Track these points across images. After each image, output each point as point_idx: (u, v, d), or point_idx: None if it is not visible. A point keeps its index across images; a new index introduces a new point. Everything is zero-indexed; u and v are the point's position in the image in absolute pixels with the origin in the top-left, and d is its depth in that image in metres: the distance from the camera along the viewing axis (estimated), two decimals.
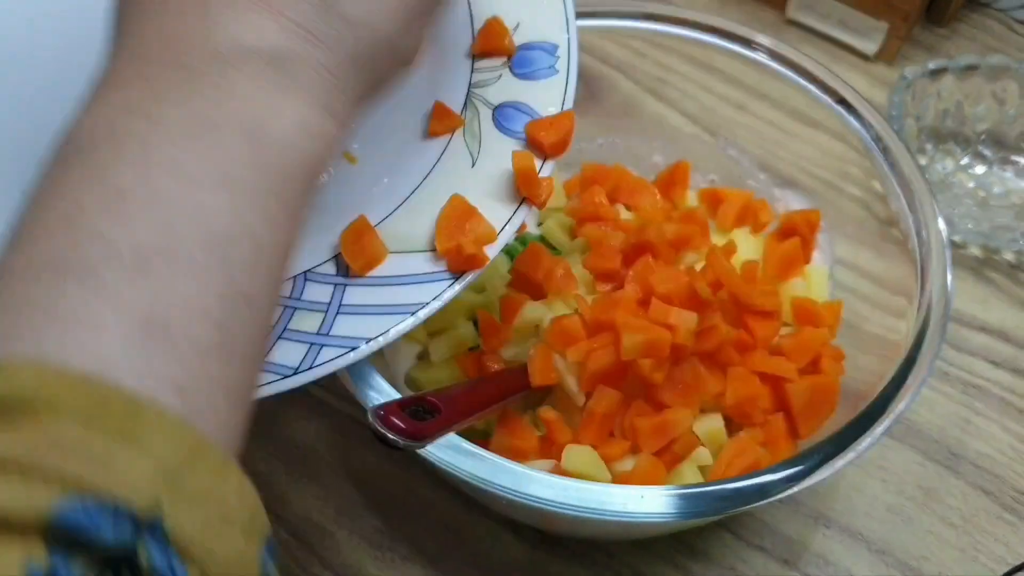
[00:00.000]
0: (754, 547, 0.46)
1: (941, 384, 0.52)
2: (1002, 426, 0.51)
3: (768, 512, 0.47)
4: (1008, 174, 0.61)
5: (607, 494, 0.35)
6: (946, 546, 0.47)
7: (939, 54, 0.69)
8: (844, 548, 0.46)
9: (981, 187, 0.61)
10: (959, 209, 0.56)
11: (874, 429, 0.37)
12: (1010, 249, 0.56)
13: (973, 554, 0.46)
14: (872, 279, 0.49)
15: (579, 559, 0.45)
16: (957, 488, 0.48)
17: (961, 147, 0.62)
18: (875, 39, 0.67)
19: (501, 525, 0.46)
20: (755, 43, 0.50)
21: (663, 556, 0.46)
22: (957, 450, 0.50)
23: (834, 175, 0.51)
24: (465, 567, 0.46)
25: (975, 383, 0.52)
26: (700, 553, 0.46)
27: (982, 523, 0.47)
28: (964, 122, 0.62)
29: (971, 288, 0.56)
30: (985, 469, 0.49)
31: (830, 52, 0.68)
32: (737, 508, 0.36)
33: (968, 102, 0.61)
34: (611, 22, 0.52)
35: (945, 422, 0.51)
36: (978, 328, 0.55)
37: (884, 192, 0.47)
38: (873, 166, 0.48)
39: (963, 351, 0.53)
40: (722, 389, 0.43)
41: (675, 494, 0.35)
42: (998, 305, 0.56)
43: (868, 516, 0.47)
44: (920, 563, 0.46)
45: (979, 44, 0.70)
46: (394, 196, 0.38)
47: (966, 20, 0.71)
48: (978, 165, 0.62)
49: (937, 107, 0.61)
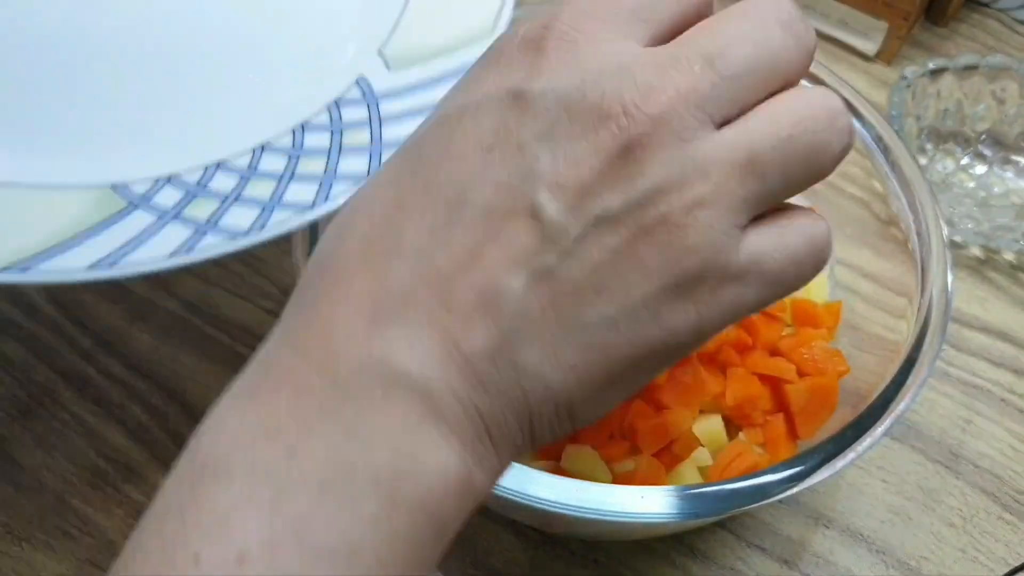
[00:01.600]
0: (754, 547, 0.46)
1: (942, 384, 0.52)
2: (1003, 426, 0.51)
3: (768, 512, 0.47)
4: (1008, 174, 0.61)
5: (607, 494, 0.35)
6: (946, 546, 0.47)
7: (939, 54, 0.69)
8: (844, 548, 0.46)
9: (981, 187, 0.61)
10: (959, 209, 0.56)
11: (874, 429, 0.37)
12: (1010, 249, 0.56)
13: (973, 554, 0.46)
14: (872, 279, 0.49)
15: (579, 559, 0.45)
16: (957, 488, 0.48)
17: (961, 147, 0.62)
18: (875, 39, 0.66)
19: (501, 525, 0.46)
20: None
21: (663, 556, 0.46)
22: (957, 450, 0.50)
23: (834, 175, 0.50)
24: (465, 567, 0.46)
25: (976, 383, 0.52)
26: (700, 553, 0.46)
27: (982, 523, 0.47)
28: (964, 122, 0.62)
29: (971, 288, 0.56)
30: (985, 469, 0.49)
31: (830, 52, 0.68)
32: (737, 508, 0.36)
33: (968, 102, 0.61)
34: None
35: (945, 422, 0.51)
36: (979, 328, 0.55)
37: (884, 192, 0.47)
38: (873, 166, 0.47)
39: (964, 351, 0.53)
40: (722, 390, 0.43)
41: (675, 495, 0.35)
42: (999, 305, 0.56)
43: (868, 516, 0.47)
44: (920, 563, 0.46)
45: (979, 44, 0.70)
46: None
47: (966, 20, 0.71)
48: (978, 165, 0.62)
49: (937, 107, 0.61)
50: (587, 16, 0.24)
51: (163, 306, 0.54)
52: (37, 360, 0.51)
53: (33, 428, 0.49)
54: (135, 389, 0.50)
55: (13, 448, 0.48)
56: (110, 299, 0.54)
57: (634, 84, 0.23)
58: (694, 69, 0.23)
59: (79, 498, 0.47)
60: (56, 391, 0.50)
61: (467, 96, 0.25)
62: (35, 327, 0.53)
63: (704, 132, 0.23)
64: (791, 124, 0.23)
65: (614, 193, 0.23)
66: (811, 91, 0.24)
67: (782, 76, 0.24)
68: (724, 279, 0.24)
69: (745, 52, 0.23)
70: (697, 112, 0.23)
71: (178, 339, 0.52)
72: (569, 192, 0.23)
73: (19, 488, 0.47)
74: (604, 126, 0.23)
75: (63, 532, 0.46)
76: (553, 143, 0.23)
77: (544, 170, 0.23)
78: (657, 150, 0.22)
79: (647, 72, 0.23)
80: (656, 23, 0.25)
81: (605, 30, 0.24)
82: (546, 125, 0.23)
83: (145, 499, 0.46)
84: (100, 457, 0.48)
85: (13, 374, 0.51)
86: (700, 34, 0.24)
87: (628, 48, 0.24)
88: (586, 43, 0.24)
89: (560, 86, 0.23)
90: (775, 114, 0.23)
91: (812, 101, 0.24)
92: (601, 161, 0.23)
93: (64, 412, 0.49)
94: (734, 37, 0.23)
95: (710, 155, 0.23)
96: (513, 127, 0.23)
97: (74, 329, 0.53)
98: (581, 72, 0.23)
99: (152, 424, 0.49)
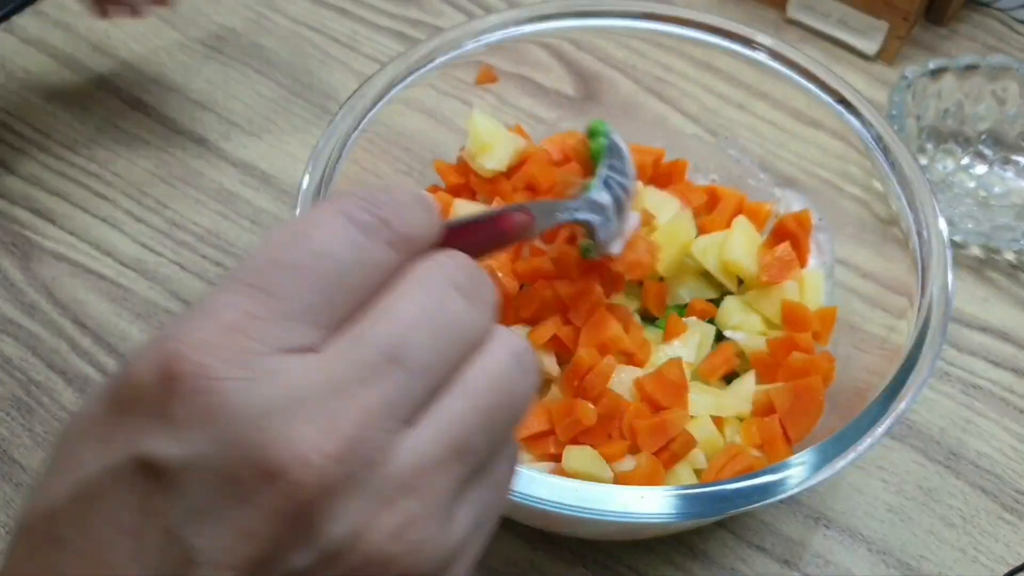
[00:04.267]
0: (754, 547, 0.46)
1: (942, 384, 0.52)
2: (1002, 426, 0.51)
3: (768, 512, 0.47)
4: (1008, 174, 0.61)
5: (607, 494, 0.35)
6: (946, 546, 0.47)
7: (939, 54, 0.69)
8: (844, 548, 0.46)
9: (981, 187, 0.61)
10: (960, 209, 0.56)
11: (875, 429, 0.37)
12: (1010, 249, 0.56)
13: (973, 554, 0.46)
14: (873, 279, 0.49)
15: (579, 559, 0.45)
16: (957, 488, 0.48)
17: (961, 147, 0.62)
18: (875, 39, 0.66)
19: (501, 525, 0.46)
20: (755, 43, 0.50)
21: (663, 556, 0.46)
22: (957, 450, 0.50)
23: (834, 175, 0.51)
24: None
25: (976, 383, 0.52)
26: (700, 553, 0.46)
27: (982, 523, 0.47)
28: (964, 122, 0.62)
29: (972, 288, 0.56)
30: (985, 469, 0.49)
31: (830, 52, 0.68)
32: (738, 509, 0.36)
33: (968, 102, 0.61)
34: (611, 21, 0.52)
35: (946, 422, 0.51)
36: (979, 328, 0.55)
37: (885, 192, 0.47)
38: (873, 166, 0.47)
39: (964, 351, 0.53)
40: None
41: (675, 494, 0.35)
42: (999, 305, 0.56)
43: (868, 516, 0.47)
44: (920, 563, 0.46)
45: (979, 44, 0.70)
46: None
47: (966, 20, 0.71)
48: (978, 165, 0.62)
49: (937, 107, 0.61)
50: (228, 337, 0.19)
51: (163, 306, 0.54)
52: (36, 359, 0.51)
53: (33, 427, 0.49)
54: None
55: (12, 447, 0.48)
56: (110, 299, 0.54)
57: (304, 424, 0.19)
58: (380, 375, 0.20)
59: None
60: (56, 390, 0.50)
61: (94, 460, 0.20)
62: (35, 327, 0.53)
63: (399, 441, 0.20)
64: (487, 389, 0.21)
65: (301, 553, 0.19)
66: (494, 341, 0.22)
67: (468, 343, 0.21)
68: (451, 563, 0.21)
69: (429, 335, 0.20)
70: (388, 423, 0.20)
71: None
72: (242, 571, 0.19)
73: (18, 487, 0.47)
74: (272, 486, 0.18)
75: None
76: (211, 519, 0.19)
77: (207, 553, 0.19)
78: (349, 489, 0.19)
79: (321, 402, 0.19)
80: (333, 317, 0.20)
81: (253, 351, 0.19)
82: (199, 500, 0.19)
83: None
84: None
85: (12, 374, 0.51)
86: (377, 323, 0.20)
87: (289, 374, 0.19)
88: (231, 378, 0.19)
89: (205, 449, 0.19)
90: (469, 388, 0.21)
91: (497, 353, 0.22)
92: (275, 528, 0.19)
93: (64, 411, 0.49)
94: (415, 320, 0.20)
95: (409, 465, 0.20)
96: (159, 507, 0.19)
97: (74, 329, 0.52)
98: (228, 423, 0.19)
99: None
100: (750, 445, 0.43)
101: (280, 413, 0.19)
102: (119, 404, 0.20)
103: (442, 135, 0.54)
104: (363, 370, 0.20)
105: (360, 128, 0.47)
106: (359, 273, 0.21)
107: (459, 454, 0.21)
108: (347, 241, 0.21)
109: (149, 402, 0.19)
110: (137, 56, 0.66)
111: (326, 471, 0.19)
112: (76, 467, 0.20)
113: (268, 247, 0.21)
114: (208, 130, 0.62)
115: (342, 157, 0.45)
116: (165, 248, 0.56)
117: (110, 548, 0.19)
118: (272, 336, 0.19)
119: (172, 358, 0.19)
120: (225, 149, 0.61)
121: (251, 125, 0.62)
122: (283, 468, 0.18)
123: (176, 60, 0.66)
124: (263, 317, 0.20)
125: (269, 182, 0.59)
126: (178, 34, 0.67)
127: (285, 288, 0.20)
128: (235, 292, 0.20)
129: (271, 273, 0.20)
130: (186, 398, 0.19)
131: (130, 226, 0.57)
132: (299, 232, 0.21)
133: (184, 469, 0.19)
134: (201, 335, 0.19)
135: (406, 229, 0.22)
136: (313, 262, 0.20)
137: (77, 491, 0.20)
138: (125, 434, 0.19)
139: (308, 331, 0.20)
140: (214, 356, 0.19)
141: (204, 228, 0.57)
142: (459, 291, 0.22)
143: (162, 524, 0.19)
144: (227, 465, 0.19)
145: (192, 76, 0.65)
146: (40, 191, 0.59)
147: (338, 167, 0.45)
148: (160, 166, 0.60)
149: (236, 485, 0.19)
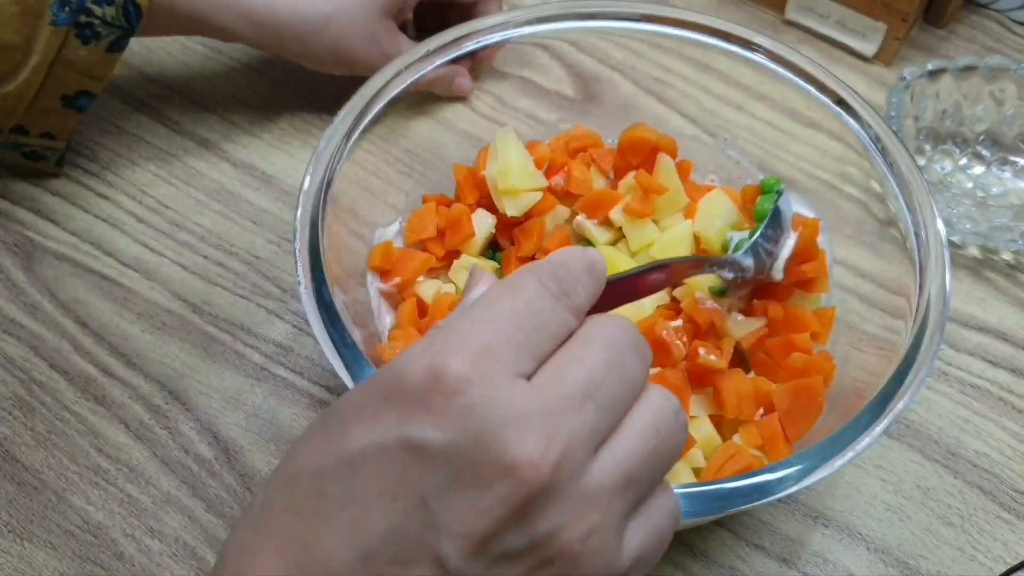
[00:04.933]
0: (753, 546, 0.46)
1: (940, 384, 0.52)
2: (1000, 425, 0.51)
3: (767, 511, 0.47)
4: (1006, 174, 0.61)
5: None
6: (944, 545, 0.47)
7: (937, 55, 0.69)
8: (843, 547, 0.46)
9: (979, 187, 0.61)
10: (957, 209, 0.56)
11: (873, 429, 0.37)
12: (1008, 249, 0.57)
13: (971, 552, 0.47)
14: (871, 279, 0.49)
15: None
16: (955, 487, 0.49)
17: (959, 148, 0.62)
18: (874, 40, 0.67)
19: None
20: (754, 44, 0.51)
21: (663, 556, 0.46)
22: (955, 449, 0.50)
23: (833, 176, 0.52)
24: None
25: (973, 383, 0.52)
26: (700, 553, 0.46)
27: (980, 522, 0.47)
28: (962, 123, 0.62)
29: (969, 288, 0.56)
30: (983, 468, 0.49)
31: (829, 53, 0.69)
32: (737, 507, 0.36)
33: (966, 103, 0.61)
34: (611, 23, 0.52)
35: (944, 422, 0.51)
36: (976, 328, 0.55)
37: (883, 192, 0.47)
38: (872, 167, 0.48)
39: (961, 351, 0.54)
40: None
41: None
42: (996, 305, 0.56)
43: (867, 515, 0.47)
44: (918, 562, 0.46)
45: (977, 45, 0.70)
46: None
47: (964, 21, 0.72)
48: (976, 165, 0.62)
49: (935, 108, 0.61)
50: (481, 357, 0.25)
51: (165, 306, 0.54)
52: (38, 359, 0.51)
53: (34, 427, 0.49)
54: (136, 388, 0.50)
55: (14, 446, 0.48)
56: (112, 299, 0.54)
57: (533, 435, 0.24)
58: (580, 407, 0.25)
59: (80, 496, 0.47)
60: (57, 390, 0.50)
61: (365, 434, 0.25)
62: (36, 326, 0.53)
63: (590, 463, 0.25)
64: (654, 436, 0.27)
65: (516, 535, 0.24)
66: (656, 397, 0.27)
67: (638, 391, 0.27)
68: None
69: (614, 382, 0.26)
70: (587, 447, 0.25)
71: (179, 339, 0.52)
72: (473, 540, 0.24)
73: (20, 486, 0.47)
74: (508, 478, 0.24)
75: (64, 530, 0.46)
76: (456, 496, 0.24)
77: (448, 521, 0.24)
78: (557, 493, 0.24)
79: (543, 420, 0.24)
80: (539, 356, 0.26)
81: (496, 372, 0.25)
82: (448, 478, 0.24)
83: (146, 497, 0.47)
84: (101, 455, 0.48)
85: (14, 373, 0.51)
86: (571, 367, 0.26)
87: (519, 393, 0.25)
88: (482, 388, 0.24)
89: (459, 439, 0.24)
90: (639, 431, 0.26)
91: (662, 407, 0.27)
92: (505, 511, 0.24)
93: (65, 411, 0.50)
94: (602, 369, 0.26)
95: (596, 484, 0.25)
96: (415, 479, 0.24)
97: (75, 328, 0.53)
98: (479, 423, 0.24)
99: (153, 423, 0.49)
100: (749, 444, 0.44)
101: (517, 422, 0.24)
102: (389, 393, 0.25)
103: (443, 136, 0.54)
104: (568, 401, 0.25)
105: (361, 129, 0.47)
106: (553, 324, 0.27)
107: (629, 483, 0.26)
108: (545, 301, 0.27)
109: (417, 396, 0.25)
110: (139, 58, 0.66)
111: (546, 475, 0.24)
112: (347, 439, 0.25)
113: (488, 297, 0.27)
114: (209, 131, 0.62)
115: (343, 158, 0.46)
116: (167, 248, 0.56)
117: (368, 504, 0.25)
118: (510, 362, 0.25)
119: (440, 365, 0.25)
120: (226, 150, 0.61)
121: (252, 126, 0.63)
122: (518, 465, 0.24)
123: (177, 61, 0.66)
124: (504, 346, 0.25)
125: (270, 182, 0.60)
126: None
127: (510, 327, 0.26)
128: (477, 324, 0.26)
129: (499, 317, 0.26)
130: (448, 397, 0.24)
131: (132, 226, 0.57)
132: (511, 290, 0.27)
133: (441, 452, 0.24)
134: (464, 352, 0.25)
135: (579, 301, 0.28)
136: (526, 311, 0.26)
137: (347, 456, 0.25)
138: (394, 417, 0.25)
139: (529, 363, 0.26)
140: (473, 370, 0.25)
141: (205, 228, 0.57)
142: (633, 349, 0.27)
143: (417, 492, 0.24)
144: (474, 455, 0.24)
145: (193, 77, 0.65)
146: (42, 192, 0.59)
147: (339, 168, 0.45)
148: (161, 167, 0.60)
149: (479, 472, 0.24)
